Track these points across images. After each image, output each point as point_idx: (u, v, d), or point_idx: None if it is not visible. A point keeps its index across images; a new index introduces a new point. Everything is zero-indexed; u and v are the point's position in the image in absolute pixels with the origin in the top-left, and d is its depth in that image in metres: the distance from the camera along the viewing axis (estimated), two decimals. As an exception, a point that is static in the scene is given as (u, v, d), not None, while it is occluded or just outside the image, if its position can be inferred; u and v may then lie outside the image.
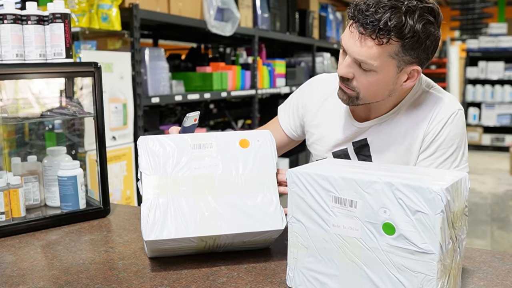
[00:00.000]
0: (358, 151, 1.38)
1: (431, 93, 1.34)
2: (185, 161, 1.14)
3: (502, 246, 4.12)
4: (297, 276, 1.02)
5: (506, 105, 8.45)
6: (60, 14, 1.51)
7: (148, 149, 1.14)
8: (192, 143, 1.16)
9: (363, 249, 0.92)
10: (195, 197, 1.12)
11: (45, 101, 1.81)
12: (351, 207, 0.93)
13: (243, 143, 1.19)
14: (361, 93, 1.26)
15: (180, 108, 4.34)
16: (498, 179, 6.45)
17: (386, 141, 1.34)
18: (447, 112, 1.30)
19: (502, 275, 1.09)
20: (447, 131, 1.29)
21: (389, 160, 1.34)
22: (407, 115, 1.33)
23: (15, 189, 1.45)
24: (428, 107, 1.32)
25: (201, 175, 1.14)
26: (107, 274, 1.13)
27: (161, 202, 1.10)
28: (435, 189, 0.84)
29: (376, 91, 1.25)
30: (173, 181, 1.13)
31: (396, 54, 1.18)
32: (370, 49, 1.17)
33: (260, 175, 1.16)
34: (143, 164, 1.13)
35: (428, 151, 1.30)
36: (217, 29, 3.60)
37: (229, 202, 1.13)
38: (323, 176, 0.96)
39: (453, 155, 1.30)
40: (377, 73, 1.21)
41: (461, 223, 0.95)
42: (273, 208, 1.14)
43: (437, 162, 1.30)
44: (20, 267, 1.18)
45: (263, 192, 1.15)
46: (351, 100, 1.29)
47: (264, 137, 1.20)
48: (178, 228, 1.08)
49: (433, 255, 0.85)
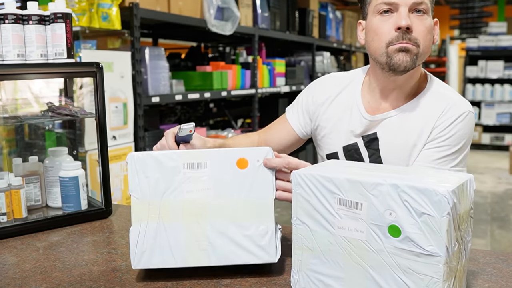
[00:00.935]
0: (368, 145, 1.38)
1: (443, 93, 1.35)
2: (176, 183, 1.07)
3: (502, 245, 4.12)
4: (302, 278, 1.02)
5: (506, 104, 8.45)
6: (62, 14, 1.51)
7: (137, 168, 1.07)
8: (184, 162, 1.07)
9: (369, 251, 0.92)
10: (186, 225, 1.07)
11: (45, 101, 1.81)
12: (357, 209, 0.92)
13: (241, 164, 1.08)
14: (421, 43, 1.27)
15: (180, 107, 4.33)
16: (498, 178, 6.46)
17: (395, 136, 1.34)
18: (459, 110, 1.31)
19: (507, 277, 1.09)
20: (455, 129, 1.30)
21: (396, 155, 1.34)
22: (418, 112, 1.34)
23: (17, 190, 1.44)
24: (440, 105, 1.32)
25: (193, 200, 1.07)
26: (110, 275, 1.12)
27: (150, 228, 1.07)
28: (441, 191, 0.83)
29: (430, 40, 1.29)
30: (164, 206, 1.07)
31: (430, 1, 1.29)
32: None
33: (256, 202, 1.08)
34: (132, 186, 1.07)
35: (432, 143, 1.31)
36: (217, 28, 3.59)
37: (220, 231, 1.07)
38: (328, 178, 0.95)
39: (455, 154, 1.30)
40: (428, 15, 1.27)
41: (467, 225, 0.94)
42: (267, 240, 1.07)
43: (437, 156, 1.30)
44: (23, 268, 1.17)
45: (258, 222, 1.07)
46: (413, 60, 1.27)
47: (264, 156, 1.09)
48: (166, 258, 1.07)
49: (439, 258, 0.85)
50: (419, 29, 1.25)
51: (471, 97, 8.63)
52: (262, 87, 4.49)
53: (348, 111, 1.41)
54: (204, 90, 3.69)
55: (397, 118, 1.35)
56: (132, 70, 2.92)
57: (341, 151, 1.43)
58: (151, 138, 3.16)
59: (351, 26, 7.33)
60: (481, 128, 8.63)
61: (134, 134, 2.97)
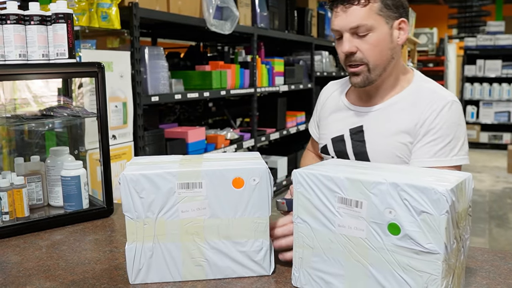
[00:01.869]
0: (353, 137, 1.46)
1: (427, 87, 1.41)
2: (171, 203, 1.06)
3: (500, 243, 4.14)
4: (303, 276, 1.03)
5: (504, 103, 8.48)
6: (63, 14, 1.52)
7: (131, 189, 1.05)
8: (179, 182, 1.05)
9: (369, 249, 0.93)
10: (182, 243, 1.07)
11: (46, 101, 1.82)
12: (357, 208, 0.94)
13: (236, 183, 1.06)
14: (370, 61, 1.36)
15: (179, 106, 4.34)
16: (496, 177, 6.48)
17: (380, 129, 1.41)
18: (442, 102, 1.36)
19: (505, 274, 1.10)
20: (443, 120, 1.34)
21: (381, 147, 1.40)
22: (403, 106, 1.40)
23: (19, 189, 1.45)
24: (424, 99, 1.38)
25: (188, 220, 1.06)
26: (113, 273, 1.13)
27: (146, 247, 1.07)
28: (440, 190, 0.85)
29: (380, 52, 1.36)
30: (159, 226, 1.06)
31: (381, 10, 1.33)
32: (358, 13, 1.32)
33: (252, 220, 1.08)
34: (125, 207, 1.06)
35: (426, 138, 1.35)
36: (216, 28, 3.60)
37: (216, 248, 1.08)
38: (329, 177, 0.97)
39: (451, 143, 1.33)
40: (374, 32, 1.34)
41: (465, 223, 0.96)
42: (262, 255, 1.09)
43: (435, 150, 1.33)
44: (26, 267, 1.18)
45: (254, 238, 1.08)
46: (365, 78, 1.38)
47: (261, 175, 1.07)
48: (162, 274, 1.08)
49: (438, 255, 0.86)
50: (363, 48, 1.35)
51: (469, 96, 8.65)
52: (261, 86, 4.50)
53: (336, 107, 1.55)
54: (203, 89, 3.70)
55: (382, 111, 1.42)
56: (131, 70, 2.92)
57: (330, 143, 1.53)
58: (151, 137, 3.17)
59: (350, 25, 7.34)
60: (479, 127, 8.65)
61: (133, 133, 2.98)
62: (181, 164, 1.11)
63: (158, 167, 1.08)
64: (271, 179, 1.08)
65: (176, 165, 1.09)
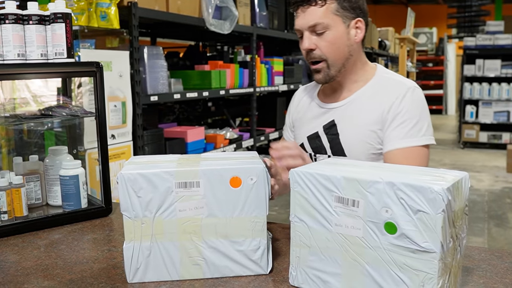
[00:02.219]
0: (328, 132, 1.54)
1: (388, 78, 1.53)
2: (169, 202, 1.06)
3: (499, 243, 4.15)
4: (300, 275, 1.04)
5: (503, 103, 8.48)
6: (62, 14, 1.52)
7: (128, 188, 1.06)
8: (177, 181, 1.06)
9: (365, 248, 0.93)
10: (180, 242, 1.08)
11: (45, 100, 1.82)
12: (354, 207, 0.94)
13: (234, 182, 1.07)
14: (328, 57, 1.46)
15: (178, 106, 4.34)
16: (495, 177, 6.48)
17: (352, 120, 1.50)
18: (403, 88, 1.46)
19: (501, 273, 1.11)
20: (407, 104, 1.44)
21: (354, 136, 1.49)
22: (369, 97, 1.50)
23: (17, 188, 1.46)
24: (388, 88, 1.49)
25: (186, 219, 1.07)
26: (111, 273, 1.14)
27: (144, 246, 1.08)
28: (436, 189, 0.85)
29: (338, 49, 1.46)
30: (157, 225, 1.07)
31: (337, 10, 1.44)
32: (316, 12, 1.43)
33: (249, 219, 1.08)
34: (123, 206, 1.07)
35: (394, 123, 1.44)
36: (215, 27, 3.60)
37: (214, 247, 1.08)
38: (326, 176, 0.97)
39: (418, 124, 1.43)
40: (330, 30, 1.44)
41: (462, 222, 0.96)
42: (260, 254, 1.09)
43: (405, 131, 1.43)
44: (24, 266, 1.18)
45: (251, 237, 1.09)
46: (326, 74, 1.49)
47: (258, 174, 1.07)
48: (160, 273, 1.09)
49: (435, 254, 0.86)
50: (321, 45, 1.46)
51: (468, 95, 8.65)
52: (260, 86, 4.50)
53: (309, 106, 1.63)
54: (203, 89, 3.70)
55: (351, 104, 1.52)
56: (130, 69, 2.92)
57: (306, 141, 1.60)
58: (150, 137, 3.17)
59: (349, 25, 7.34)
60: (479, 126, 8.65)
61: (132, 133, 2.98)
62: (179, 163, 1.11)
63: (156, 166, 1.08)
64: (268, 179, 1.08)
65: (174, 165, 1.09)
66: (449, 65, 14.24)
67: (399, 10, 14.60)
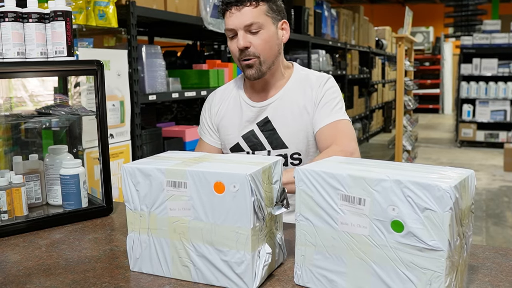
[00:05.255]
0: (263, 129, 1.65)
1: (307, 73, 1.70)
2: (161, 200, 1.08)
3: (497, 241, 4.15)
4: (305, 274, 1.03)
5: (500, 102, 8.50)
6: (62, 12, 1.51)
7: (129, 180, 1.11)
8: (167, 180, 1.06)
9: (372, 246, 0.93)
10: (171, 241, 1.08)
11: (45, 99, 1.80)
12: (360, 205, 0.93)
13: (218, 188, 1.02)
14: (261, 54, 1.56)
15: (176, 105, 4.33)
16: (493, 175, 6.50)
17: (284, 113, 1.63)
18: (322, 78, 1.66)
19: (506, 271, 1.10)
20: (326, 88, 1.63)
21: (290, 128, 1.62)
22: (293, 91, 1.65)
23: (18, 188, 1.45)
24: (307, 81, 1.66)
25: (175, 219, 1.07)
26: (114, 272, 1.13)
27: (142, 239, 1.12)
28: (444, 186, 0.85)
29: (270, 48, 1.58)
30: (152, 220, 1.10)
31: (268, 12, 1.56)
32: (251, 12, 1.53)
33: (233, 229, 1.01)
34: (125, 197, 1.12)
35: (320, 106, 1.62)
36: (213, 26, 3.59)
37: (201, 252, 1.06)
38: (331, 174, 0.96)
39: (339, 104, 1.63)
40: (264, 30, 1.55)
41: (468, 220, 0.95)
42: (244, 268, 1.01)
43: (329, 109, 1.61)
44: (26, 266, 1.17)
45: (235, 249, 1.02)
46: (258, 70, 1.58)
47: (241, 182, 0.99)
48: (156, 267, 1.11)
49: (442, 252, 0.86)
50: (256, 43, 1.56)
51: (465, 94, 8.67)
52: (258, 85, 4.49)
53: (238, 107, 1.70)
54: (201, 88, 3.69)
55: (280, 100, 1.65)
56: (128, 68, 2.91)
57: (241, 140, 1.67)
58: (148, 136, 3.16)
59: (346, 24, 7.35)
60: (476, 125, 8.67)
61: (131, 132, 2.97)
62: (182, 162, 1.11)
63: (157, 162, 1.11)
64: (253, 188, 0.99)
65: (175, 162, 1.10)
66: (446, 64, 14.27)
67: (396, 9, 14.62)
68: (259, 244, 1.03)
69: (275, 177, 1.09)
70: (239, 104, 1.70)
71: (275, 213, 1.08)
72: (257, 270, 1.02)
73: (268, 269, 1.06)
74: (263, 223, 1.04)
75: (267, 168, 1.06)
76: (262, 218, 1.03)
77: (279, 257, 1.13)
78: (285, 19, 1.65)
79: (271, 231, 1.08)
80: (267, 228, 1.06)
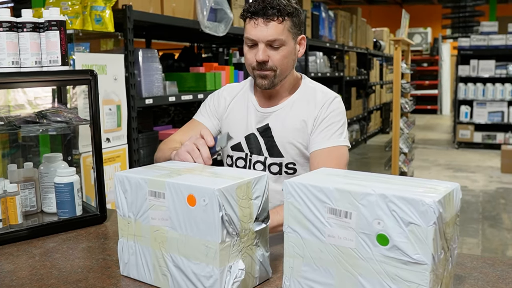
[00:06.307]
0: (263, 135, 1.67)
1: (314, 87, 1.69)
2: (145, 208, 1.11)
3: (493, 244, 4.17)
4: (293, 285, 1.04)
5: (497, 103, 8.52)
6: (56, 21, 1.52)
7: (119, 187, 1.16)
8: (149, 190, 1.10)
9: (358, 259, 0.94)
10: (152, 249, 1.11)
11: (39, 107, 1.82)
12: (346, 218, 0.95)
13: (190, 200, 1.03)
14: (279, 69, 1.58)
15: (173, 108, 4.34)
16: (490, 177, 6.52)
17: (283, 124, 1.64)
18: (328, 97, 1.65)
19: (493, 281, 1.12)
20: (331, 109, 1.62)
21: (288, 137, 1.63)
22: (297, 103, 1.66)
23: (12, 196, 1.46)
24: (313, 97, 1.65)
25: (156, 228, 1.10)
26: (106, 282, 1.14)
27: (129, 245, 1.17)
28: (428, 201, 0.86)
29: (288, 62, 1.59)
30: (137, 228, 1.14)
31: (291, 28, 1.56)
32: (276, 28, 1.52)
33: (203, 243, 1.02)
34: (116, 203, 1.17)
35: (321, 126, 1.61)
36: (210, 30, 3.60)
37: (176, 263, 1.07)
38: (319, 187, 0.98)
39: (341, 128, 1.62)
40: (286, 46, 1.56)
41: (453, 233, 0.97)
42: (212, 282, 1.02)
43: (330, 133, 1.60)
44: (19, 276, 1.19)
45: (205, 262, 1.02)
46: (271, 82, 1.59)
47: (210, 196, 1.00)
48: (142, 273, 1.15)
49: (426, 266, 0.87)
50: (275, 58, 1.56)
51: (463, 96, 8.69)
52: (255, 88, 4.50)
53: (245, 108, 1.71)
54: (198, 91, 3.70)
55: (283, 110, 1.66)
56: (125, 72, 2.92)
57: (243, 140, 1.69)
58: (145, 140, 3.17)
59: (344, 26, 7.36)
60: (473, 126, 8.69)
61: (127, 136, 2.98)
62: (169, 172, 1.14)
63: (147, 172, 1.15)
64: (221, 203, 0.99)
65: (161, 173, 1.14)
66: (444, 65, 14.29)
67: (394, 10, 14.63)
68: (230, 259, 1.03)
69: (256, 192, 1.08)
70: (246, 105, 1.71)
71: (255, 229, 1.08)
72: (226, 286, 1.02)
73: (242, 285, 1.05)
74: (236, 239, 1.04)
75: (245, 184, 1.05)
76: (235, 234, 1.03)
77: (261, 274, 1.12)
78: (304, 34, 1.65)
79: (248, 247, 1.07)
80: (242, 244, 1.06)
